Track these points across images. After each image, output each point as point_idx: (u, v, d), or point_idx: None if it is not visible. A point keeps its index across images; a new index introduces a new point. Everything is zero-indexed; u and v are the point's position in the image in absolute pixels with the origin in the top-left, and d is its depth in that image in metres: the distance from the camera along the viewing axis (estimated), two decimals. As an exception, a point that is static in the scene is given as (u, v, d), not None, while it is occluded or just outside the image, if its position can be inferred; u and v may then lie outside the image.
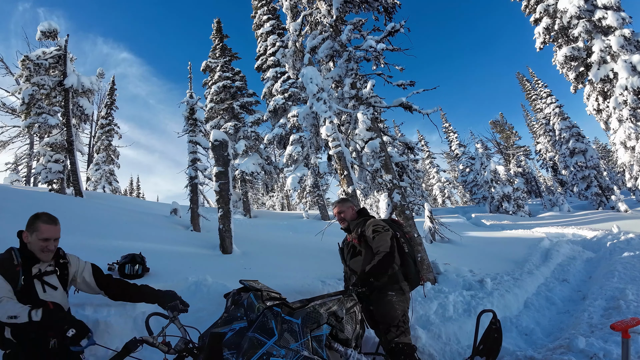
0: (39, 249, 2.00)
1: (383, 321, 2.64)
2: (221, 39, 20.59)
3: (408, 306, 2.75)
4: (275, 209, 33.17)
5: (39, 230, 2.00)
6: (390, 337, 2.56)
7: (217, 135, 6.94)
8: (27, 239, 2.02)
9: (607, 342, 2.94)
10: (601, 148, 44.15)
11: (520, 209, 22.34)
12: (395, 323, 2.58)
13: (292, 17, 7.79)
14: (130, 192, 42.36)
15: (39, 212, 2.09)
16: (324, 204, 18.78)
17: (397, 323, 2.58)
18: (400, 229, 2.95)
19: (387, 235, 2.66)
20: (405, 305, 2.70)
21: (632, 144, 13.85)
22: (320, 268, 5.56)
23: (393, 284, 2.69)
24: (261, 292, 1.99)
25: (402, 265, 2.77)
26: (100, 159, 22.04)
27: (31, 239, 2.00)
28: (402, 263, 2.77)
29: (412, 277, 2.79)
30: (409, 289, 2.78)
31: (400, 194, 6.47)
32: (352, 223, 2.99)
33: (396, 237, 2.80)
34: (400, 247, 2.79)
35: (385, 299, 2.65)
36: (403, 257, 2.78)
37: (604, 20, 13.48)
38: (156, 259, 4.43)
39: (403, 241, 2.83)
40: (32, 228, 2.02)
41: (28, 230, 2.03)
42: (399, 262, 2.75)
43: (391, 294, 2.66)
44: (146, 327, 2.05)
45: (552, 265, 6.81)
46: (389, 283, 2.69)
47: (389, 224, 2.91)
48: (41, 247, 2.00)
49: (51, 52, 11.88)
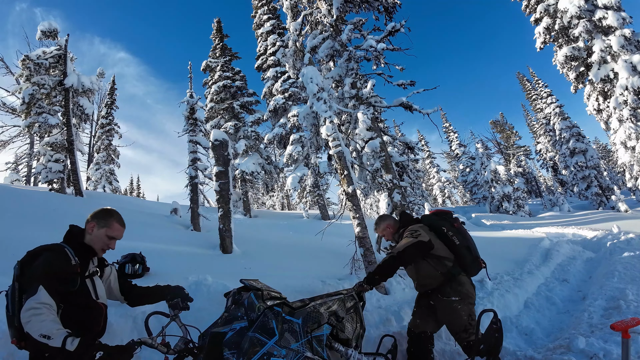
0: (102, 245, 1.92)
1: (451, 329, 2.72)
2: (221, 39, 20.58)
3: (473, 303, 2.77)
4: (275, 209, 33.16)
5: (111, 228, 1.92)
6: (461, 340, 2.65)
7: (217, 135, 6.94)
8: (93, 231, 1.90)
9: (607, 342, 2.93)
10: (601, 148, 44.12)
11: (520, 209, 22.34)
12: (464, 329, 2.64)
13: (292, 17, 7.79)
14: (131, 191, 42.35)
15: (112, 209, 2.01)
16: (324, 204, 18.78)
17: (466, 328, 2.64)
18: (447, 221, 2.95)
19: (405, 241, 2.71)
20: (471, 306, 2.72)
21: (632, 144, 13.85)
22: (320, 268, 5.56)
23: (452, 284, 2.71)
24: (262, 292, 1.99)
25: (457, 258, 2.79)
26: (100, 158, 22.05)
27: (98, 232, 1.90)
28: (456, 256, 2.79)
29: (469, 266, 2.80)
30: (468, 281, 2.79)
31: (400, 193, 6.47)
32: (395, 237, 3.06)
33: (442, 232, 2.84)
34: (450, 241, 2.81)
35: (450, 306, 2.68)
36: (454, 249, 2.79)
37: (604, 20, 13.47)
38: (156, 258, 4.43)
39: (452, 234, 2.84)
40: (104, 223, 1.92)
41: (98, 224, 1.91)
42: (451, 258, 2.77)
43: (455, 299, 2.68)
44: (145, 328, 2.04)
45: (552, 265, 6.81)
46: (446, 283, 2.72)
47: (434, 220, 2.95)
48: (104, 245, 1.92)
49: (51, 52, 11.87)
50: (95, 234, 1.90)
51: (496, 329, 2.58)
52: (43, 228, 5.56)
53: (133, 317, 2.94)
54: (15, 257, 1.87)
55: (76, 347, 1.48)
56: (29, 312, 1.55)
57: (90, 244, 1.90)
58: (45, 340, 1.48)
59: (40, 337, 1.49)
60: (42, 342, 1.48)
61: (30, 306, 1.56)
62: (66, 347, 1.47)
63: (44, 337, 1.48)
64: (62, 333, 1.51)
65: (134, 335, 2.74)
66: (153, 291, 2.22)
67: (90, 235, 1.91)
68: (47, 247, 1.83)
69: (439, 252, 2.77)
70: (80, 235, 1.92)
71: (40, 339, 1.49)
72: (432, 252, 2.75)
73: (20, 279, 1.72)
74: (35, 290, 1.60)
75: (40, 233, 4.63)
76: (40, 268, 1.70)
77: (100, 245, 1.92)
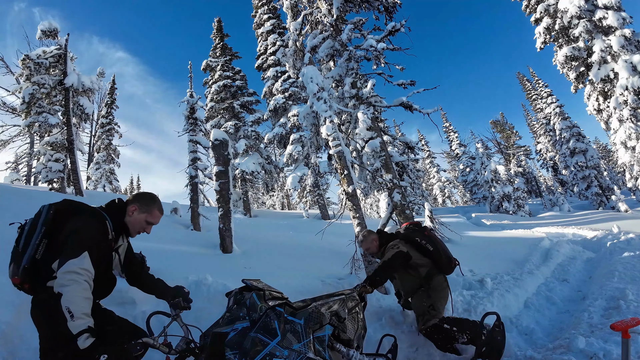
0: (139, 229, 1.93)
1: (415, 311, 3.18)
2: (222, 38, 20.56)
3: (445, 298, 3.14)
4: (275, 209, 33.16)
5: (152, 214, 1.94)
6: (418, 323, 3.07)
7: (218, 135, 6.94)
8: (133, 215, 1.91)
9: (607, 342, 2.93)
10: (601, 148, 44.11)
11: (520, 209, 22.33)
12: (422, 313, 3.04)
13: (292, 17, 7.78)
14: (131, 191, 42.34)
15: (155, 195, 2.01)
16: (324, 204, 18.78)
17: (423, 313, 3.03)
18: (419, 231, 3.32)
19: (390, 252, 3.07)
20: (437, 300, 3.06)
21: (632, 144, 13.85)
22: (320, 268, 5.56)
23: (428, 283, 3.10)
24: (263, 292, 1.99)
25: (433, 262, 3.16)
26: (100, 158, 22.04)
27: (138, 216, 1.91)
28: (432, 260, 3.16)
29: (445, 266, 3.18)
30: (443, 278, 3.18)
31: (400, 193, 6.47)
32: (379, 254, 3.40)
33: (416, 242, 3.22)
34: (424, 249, 3.18)
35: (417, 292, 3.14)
36: (429, 255, 3.17)
37: (604, 20, 13.46)
38: (156, 258, 4.43)
39: (425, 242, 3.20)
40: (146, 208, 1.93)
41: (139, 207, 1.92)
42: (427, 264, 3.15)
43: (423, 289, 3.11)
44: (147, 328, 2.04)
45: (552, 265, 6.81)
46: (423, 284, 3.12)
47: (408, 234, 3.31)
48: (141, 228, 1.93)
49: (51, 51, 11.87)
50: (135, 217, 1.91)
51: (499, 331, 2.59)
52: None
53: (133, 316, 2.95)
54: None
55: (88, 346, 1.44)
56: (70, 276, 1.52)
57: (128, 224, 1.91)
58: (67, 315, 1.44)
59: (65, 309, 1.44)
60: (62, 313, 1.44)
61: (72, 269, 1.53)
62: (77, 341, 1.42)
63: (69, 312, 1.44)
64: (84, 324, 1.46)
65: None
66: (154, 283, 2.21)
67: (130, 217, 1.91)
68: (90, 209, 1.82)
69: (416, 260, 3.14)
70: (121, 213, 1.91)
71: (65, 311, 1.44)
72: (411, 262, 3.11)
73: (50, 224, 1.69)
74: (79, 254, 1.58)
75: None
76: (87, 232, 1.68)
77: (138, 228, 1.94)
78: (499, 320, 2.62)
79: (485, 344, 2.59)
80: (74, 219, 1.74)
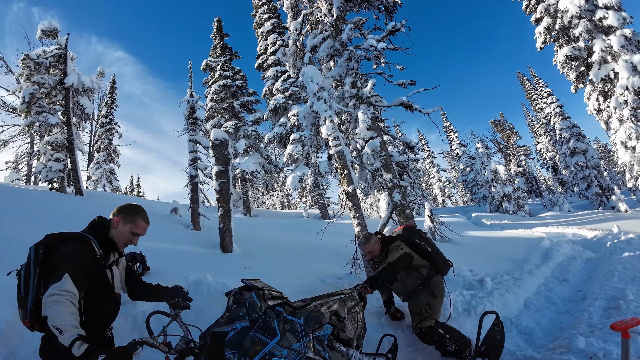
0: (125, 241, 1.91)
1: (410, 309, 3.22)
2: (221, 38, 20.56)
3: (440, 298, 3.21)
4: (275, 208, 33.15)
5: (136, 225, 1.92)
6: (414, 322, 3.09)
7: (218, 135, 6.94)
8: (118, 226, 1.90)
9: (607, 342, 2.93)
10: (601, 148, 44.09)
11: (520, 209, 22.32)
12: (419, 311, 3.08)
13: (292, 16, 7.78)
14: (131, 191, 42.35)
15: (138, 205, 2.00)
16: (324, 203, 18.77)
17: (420, 312, 3.08)
18: (416, 233, 3.44)
19: (397, 253, 3.10)
20: (434, 299, 3.14)
21: (632, 144, 13.83)
22: (320, 267, 5.56)
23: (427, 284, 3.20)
24: (263, 291, 1.99)
25: (431, 263, 3.27)
26: (100, 157, 22.05)
27: (123, 228, 1.90)
28: (430, 262, 3.27)
29: (441, 267, 3.29)
30: (440, 279, 3.29)
31: (400, 193, 6.47)
32: (381, 256, 3.39)
33: (415, 244, 3.31)
34: (423, 250, 3.28)
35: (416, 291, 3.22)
36: (427, 256, 3.28)
37: (604, 20, 13.45)
38: (156, 257, 4.44)
39: (424, 244, 3.32)
40: (130, 219, 1.91)
41: (123, 219, 1.91)
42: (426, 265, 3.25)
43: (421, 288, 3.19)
44: (146, 327, 2.05)
45: (552, 265, 6.80)
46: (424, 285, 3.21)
47: (408, 234, 3.41)
48: (128, 240, 1.92)
49: (52, 51, 11.87)
50: (119, 229, 1.90)
51: (498, 330, 2.59)
52: (43, 227, 5.55)
53: (133, 316, 2.95)
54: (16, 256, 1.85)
55: (82, 354, 1.45)
56: (52, 298, 1.54)
57: (113, 238, 1.90)
58: (57, 333, 1.46)
59: (53, 327, 1.47)
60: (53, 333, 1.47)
61: (53, 292, 1.55)
62: (72, 350, 1.45)
63: (56, 329, 1.47)
64: (73, 334, 1.48)
65: (134, 335, 2.74)
66: (155, 289, 2.23)
67: (115, 230, 1.90)
68: (73, 236, 1.82)
69: (417, 262, 3.23)
70: (105, 228, 1.91)
71: (53, 329, 1.47)
72: (413, 263, 3.19)
73: (42, 264, 1.70)
74: (60, 277, 1.59)
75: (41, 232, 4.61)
76: (68, 256, 1.69)
77: (124, 240, 1.92)
78: (498, 319, 2.62)
79: (483, 343, 2.59)
80: (60, 248, 1.75)
